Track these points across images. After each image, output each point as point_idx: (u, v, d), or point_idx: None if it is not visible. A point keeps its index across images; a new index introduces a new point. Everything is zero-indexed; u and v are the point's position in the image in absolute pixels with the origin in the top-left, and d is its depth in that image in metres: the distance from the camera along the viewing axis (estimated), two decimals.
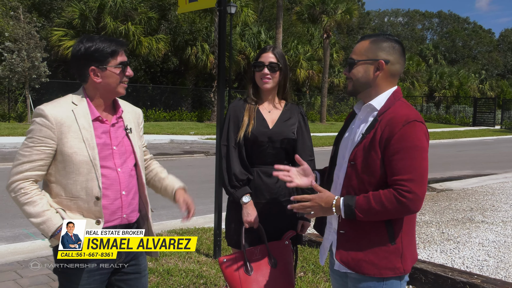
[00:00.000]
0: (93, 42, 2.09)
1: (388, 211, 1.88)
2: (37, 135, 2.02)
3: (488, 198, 8.16)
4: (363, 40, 2.08)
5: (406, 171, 1.86)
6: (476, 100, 39.92)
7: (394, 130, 1.89)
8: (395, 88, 2.06)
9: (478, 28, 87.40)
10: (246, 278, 2.51)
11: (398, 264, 1.96)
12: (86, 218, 2.08)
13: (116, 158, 2.16)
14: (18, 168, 2.02)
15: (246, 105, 2.71)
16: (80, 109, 2.10)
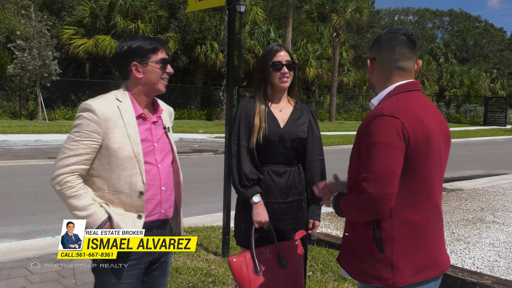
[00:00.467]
0: (136, 40, 2.18)
1: (353, 210, 1.81)
2: (85, 130, 2.06)
3: (499, 198, 8.08)
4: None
5: (363, 168, 1.76)
6: (487, 99, 39.57)
7: (362, 126, 1.82)
8: (401, 82, 1.91)
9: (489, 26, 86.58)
10: (256, 278, 2.50)
11: (387, 275, 1.80)
12: (127, 212, 2.12)
13: (157, 155, 2.21)
14: (64, 162, 2.05)
15: (257, 106, 2.67)
16: (125, 106, 2.15)
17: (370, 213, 1.76)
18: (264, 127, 2.61)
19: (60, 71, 21.75)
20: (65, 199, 2.05)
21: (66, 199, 2.05)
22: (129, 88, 2.21)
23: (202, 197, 7.80)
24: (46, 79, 21.20)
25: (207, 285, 3.89)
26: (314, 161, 2.74)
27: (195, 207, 7.08)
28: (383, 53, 1.93)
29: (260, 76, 2.70)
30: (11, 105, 24.17)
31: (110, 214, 2.10)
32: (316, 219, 2.78)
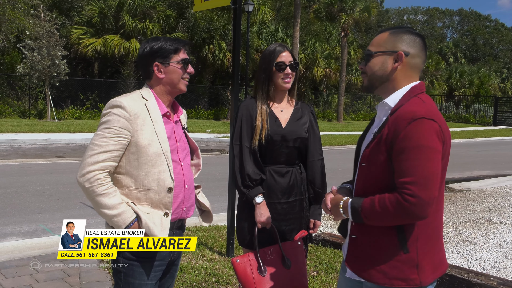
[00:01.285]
0: (158, 41, 2.22)
1: (391, 216, 1.73)
2: (115, 126, 2.06)
3: (508, 199, 8.01)
4: (382, 32, 1.96)
5: (410, 173, 1.70)
6: (497, 99, 39.21)
7: (399, 128, 1.74)
8: (415, 83, 1.89)
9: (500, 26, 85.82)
10: (260, 279, 2.50)
11: (413, 275, 1.79)
12: (154, 210, 2.12)
13: (180, 153, 2.24)
14: (94, 158, 2.03)
15: (258, 106, 2.67)
16: (151, 104, 2.18)
17: (413, 218, 1.72)
18: (266, 127, 2.61)
19: (69, 70, 21.88)
20: (94, 197, 2.03)
21: (95, 197, 2.03)
22: (152, 87, 2.25)
23: (208, 197, 7.68)
24: (55, 79, 21.34)
25: (211, 284, 3.89)
26: (316, 161, 2.74)
27: None
28: (416, 50, 1.88)
29: (263, 76, 2.69)
30: (20, 104, 24.38)
31: (138, 214, 2.10)
32: (317, 219, 2.78)
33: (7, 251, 4.72)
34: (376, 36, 1.98)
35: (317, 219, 2.78)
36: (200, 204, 2.46)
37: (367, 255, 1.85)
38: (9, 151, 12.54)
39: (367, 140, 1.96)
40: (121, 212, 2.05)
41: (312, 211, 2.78)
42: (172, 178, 2.14)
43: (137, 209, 2.10)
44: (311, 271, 4.25)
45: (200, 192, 2.47)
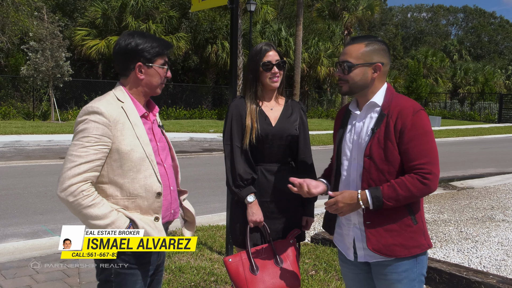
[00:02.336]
0: (145, 38, 2.11)
1: (413, 195, 2.03)
2: (94, 134, 1.95)
3: (511, 197, 7.97)
4: (356, 43, 2.20)
5: (423, 155, 2.03)
6: (502, 96, 38.95)
7: (406, 120, 2.05)
8: (386, 84, 2.23)
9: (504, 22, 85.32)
10: (252, 278, 2.50)
11: (423, 241, 2.14)
12: (144, 216, 2.05)
13: (161, 154, 2.17)
14: (75, 170, 1.91)
15: (248, 106, 2.66)
16: (128, 106, 2.08)
17: (429, 192, 2.06)
18: (256, 127, 2.61)
19: (72, 72, 21.98)
20: (82, 210, 1.92)
21: (82, 210, 1.92)
22: (127, 87, 2.15)
23: (210, 196, 7.81)
24: (58, 80, 21.42)
25: (209, 284, 3.89)
26: (307, 158, 2.74)
27: (203, 206, 7.10)
28: (387, 59, 2.20)
29: (251, 76, 2.68)
30: (25, 106, 24.50)
31: (132, 218, 2.02)
32: (309, 216, 2.78)
33: (8, 252, 4.74)
34: (350, 47, 2.20)
35: (309, 216, 2.78)
36: (185, 212, 2.36)
37: (385, 235, 2.11)
38: (13, 153, 12.61)
39: (359, 136, 2.20)
40: (114, 220, 1.96)
41: (304, 209, 2.77)
42: (160, 182, 2.08)
43: (130, 214, 2.02)
44: (310, 270, 4.24)
45: (185, 199, 2.38)
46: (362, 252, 2.20)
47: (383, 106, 2.15)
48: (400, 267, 2.13)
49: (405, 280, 2.14)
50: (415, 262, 2.15)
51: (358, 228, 2.19)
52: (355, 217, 2.20)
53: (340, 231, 2.32)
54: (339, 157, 2.28)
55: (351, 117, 2.29)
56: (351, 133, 2.25)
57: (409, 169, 2.06)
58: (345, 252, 2.31)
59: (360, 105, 2.26)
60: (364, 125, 2.19)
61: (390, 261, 2.13)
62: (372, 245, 2.12)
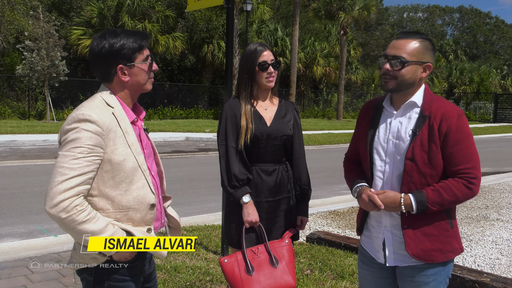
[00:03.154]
0: (117, 37, 1.92)
1: (458, 199, 2.01)
2: (87, 144, 1.79)
3: (505, 196, 8.01)
4: (410, 39, 2.07)
5: (468, 159, 2.01)
6: (497, 96, 39.14)
7: (452, 123, 2.00)
8: (424, 85, 2.15)
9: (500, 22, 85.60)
10: (248, 278, 2.50)
11: (456, 245, 2.13)
12: (136, 228, 1.94)
13: (148, 161, 2.03)
14: (66, 184, 1.74)
15: (242, 106, 2.66)
16: (118, 111, 1.93)
17: (472, 196, 2.05)
18: (251, 127, 2.61)
19: (68, 71, 21.90)
20: (76, 226, 1.77)
21: (77, 226, 1.77)
22: (114, 90, 1.98)
23: (206, 196, 7.81)
24: (54, 79, 21.36)
25: (204, 284, 3.90)
26: (301, 158, 2.76)
27: (199, 206, 7.10)
28: (434, 60, 2.15)
29: (245, 76, 2.68)
30: (20, 105, 24.42)
31: (129, 230, 1.91)
32: (304, 215, 2.80)
33: (3, 252, 4.72)
34: (404, 42, 2.06)
35: (304, 216, 2.79)
36: (170, 219, 2.22)
37: (424, 239, 2.06)
38: (8, 152, 12.57)
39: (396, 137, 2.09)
40: (111, 234, 1.83)
41: (299, 209, 2.79)
42: (154, 193, 1.97)
43: (125, 226, 1.90)
44: (305, 269, 4.26)
45: (169, 206, 2.25)
46: (392, 256, 2.14)
47: (423, 107, 2.06)
48: (430, 271, 2.10)
49: (432, 283, 2.11)
50: (444, 266, 2.12)
51: (390, 231, 2.14)
52: (386, 219, 2.14)
53: (369, 234, 2.25)
54: (371, 156, 2.17)
55: (384, 115, 2.18)
56: (386, 132, 2.14)
57: (453, 174, 2.01)
58: (374, 255, 2.23)
59: (396, 103, 2.15)
60: (402, 125, 2.09)
61: (422, 264, 2.10)
62: (412, 250, 2.06)
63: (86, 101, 1.95)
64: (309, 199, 2.82)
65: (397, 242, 2.11)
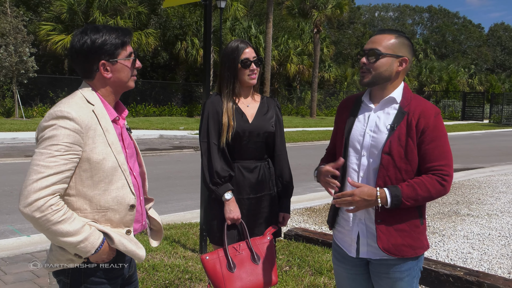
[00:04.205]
0: (99, 32, 1.88)
1: (431, 196, 2.04)
2: (65, 142, 1.74)
3: (474, 192, 8.24)
4: (386, 34, 2.12)
5: (443, 157, 2.05)
6: (465, 94, 40.16)
7: (429, 121, 2.05)
8: (403, 83, 2.19)
9: (467, 23, 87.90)
10: (229, 275, 2.50)
11: (425, 242, 2.18)
12: (115, 229, 1.89)
13: (129, 161, 1.99)
14: (42, 182, 1.69)
15: (224, 103, 2.65)
16: (99, 109, 1.89)
17: (444, 193, 2.08)
18: (233, 125, 2.61)
19: (37, 68, 21.38)
20: (50, 226, 1.71)
21: (51, 226, 1.71)
22: (96, 88, 1.94)
23: (182, 194, 7.76)
24: (23, 76, 20.82)
25: (183, 282, 3.88)
26: (283, 155, 2.78)
27: (175, 203, 7.05)
28: (411, 56, 2.16)
29: (227, 74, 2.67)
30: None
31: (106, 232, 1.85)
32: (286, 212, 2.81)
33: None
34: (380, 36, 2.12)
35: (286, 212, 2.81)
36: (151, 221, 2.18)
37: (395, 235, 2.10)
38: None
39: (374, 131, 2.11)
40: (87, 235, 1.77)
41: (281, 205, 2.80)
42: (133, 193, 1.92)
43: (103, 227, 1.85)
44: (283, 266, 4.28)
45: (151, 208, 2.21)
46: (365, 248, 2.17)
47: (402, 104, 2.10)
48: (404, 266, 2.14)
49: (406, 278, 2.15)
50: (417, 261, 2.18)
51: (364, 224, 2.16)
52: (361, 213, 2.15)
53: (341, 229, 2.27)
54: (346, 149, 2.19)
55: (363, 109, 2.21)
56: (363, 126, 2.16)
57: (427, 170, 2.05)
58: (346, 248, 2.25)
59: (375, 98, 2.18)
60: (380, 120, 2.12)
61: (394, 260, 2.13)
62: (383, 244, 2.09)
63: (66, 98, 1.90)
64: (291, 195, 2.83)
65: (371, 235, 2.14)
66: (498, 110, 36.92)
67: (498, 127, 30.75)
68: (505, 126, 31.97)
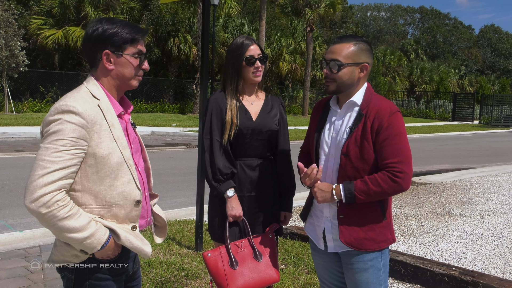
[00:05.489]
0: (114, 24, 1.89)
1: (384, 191, 2.12)
2: (70, 137, 1.72)
3: (466, 192, 8.30)
4: (344, 43, 2.22)
5: (395, 154, 2.12)
6: (456, 95, 40.43)
7: (383, 120, 2.13)
8: (366, 84, 2.30)
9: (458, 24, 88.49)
10: (232, 272, 2.50)
11: (389, 236, 2.28)
12: (120, 224, 1.88)
13: (135, 156, 1.98)
14: (48, 178, 1.67)
15: (228, 100, 2.64)
16: (104, 104, 1.87)
17: (400, 191, 2.14)
18: (236, 122, 2.59)
19: (28, 62, 21.17)
20: (57, 222, 1.69)
21: (57, 222, 1.69)
22: (99, 79, 1.93)
23: (175, 191, 7.74)
24: (13, 70, 20.60)
25: (179, 279, 3.86)
26: (286, 153, 2.77)
27: (168, 200, 7.02)
28: (371, 59, 2.26)
29: (231, 71, 2.65)
30: None
31: (113, 228, 1.84)
32: (288, 211, 2.80)
33: None
34: (339, 46, 2.21)
35: (288, 211, 2.80)
36: (155, 218, 2.18)
37: (357, 229, 2.22)
38: None
39: (337, 134, 2.26)
40: (94, 231, 1.76)
41: (282, 204, 2.79)
42: (139, 189, 1.91)
43: (108, 223, 1.84)
44: (280, 264, 4.28)
45: (155, 204, 2.20)
46: (332, 243, 2.30)
47: (362, 106, 2.22)
48: (366, 257, 2.25)
49: (370, 269, 2.26)
50: (380, 253, 2.28)
51: (330, 221, 2.29)
52: (327, 210, 2.29)
53: (312, 222, 2.41)
54: (317, 151, 2.34)
55: (331, 113, 2.35)
56: (330, 130, 2.31)
57: (382, 167, 2.15)
58: (316, 241, 2.41)
59: (341, 102, 2.31)
60: (343, 123, 2.26)
61: (358, 252, 2.25)
62: (345, 238, 2.22)
63: (71, 92, 1.88)
64: (293, 194, 2.83)
65: (335, 231, 2.27)
66: (488, 111, 37.24)
67: (488, 128, 31.04)
68: (495, 127, 32.28)
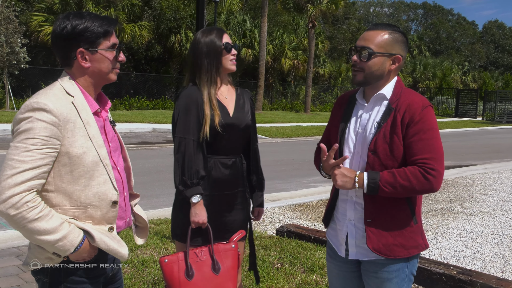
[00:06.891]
0: (82, 19, 1.78)
1: (413, 187, 1.93)
2: (41, 135, 1.65)
3: (468, 189, 8.23)
4: (379, 30, 2.06)
5: (427, 150, 1.95)
6: (459, 91, 40.26)
7: (415, 114, 1.97)
8: (396, 77, 2.13)
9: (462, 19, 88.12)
10: (186, 282, 2.35)
11: (420, 241, 2.10)
12: (97, 226, 1.81)
13: (113, 155, 1.92)
14: (17, 178, 1.61)
15: (205, 94, 2.49)
16: (79, 101, 1.79)
17: (431, 190, 1.96)
18: (219, 113, 2.47)
19: (29, 59, 21.15)
20: (26, 224, 1.63)
21: (27, 224, 1.63)
22: (75, 77, 1.84)
23: (174, 189, 7.67)
24: (14, 67, 20.59)
25: None
26: (257, 148, 2.70)
27: (166, 198, 6.97)
28: (405, 52, 2.10)
29: (207, 61, 2.50)
30: None
31: (87, 230, 1.77)
32: (260, 206, 2.75)
33: None
34: (373, 33, 2.05)
35: (260, 206, 2.74)
36: (136, 218, 2.10)
37: (386, 234, 2.04)
38: None
39: (364, 129, 2.07)
40: (66, 233, 1.69)
41: (255, 199, 2.72)
42: (116, 189, 1.84)
43: (83, 225, 1.77)
44: (275, 262, 4.23)
45: (136, 204, 2.13)
46: (354, 249, 2.12)
47: (391, 100, 2.05)
48: (392, 267, 2.07)
49: (395, 280, 2.09)
50: (407, 262, 2.09)
51: (353, 225, 2.11)
52: (351, 212, 2.11)
53: (334, 226, 2.22)
54: (341, 149, 2.14)
55: (357, 107, 2.16)
56: (356, 125, 2.13)
57: (412, 164, 1.97)
58: (337, 247, 2.21)
59: (368, 96, 2.14)
60: (370, 118, 2.08)
61: (383, 260, 2.07)
62: (373, 244, 2.04)
63: (43, 89, 1.80)
64: (264, 189, 2.77)
65: (359, 236, 2.09)
66: (491, 107, 37.10)
67: (491, 125, 30.88)
68: (498, 124, 32.13)
